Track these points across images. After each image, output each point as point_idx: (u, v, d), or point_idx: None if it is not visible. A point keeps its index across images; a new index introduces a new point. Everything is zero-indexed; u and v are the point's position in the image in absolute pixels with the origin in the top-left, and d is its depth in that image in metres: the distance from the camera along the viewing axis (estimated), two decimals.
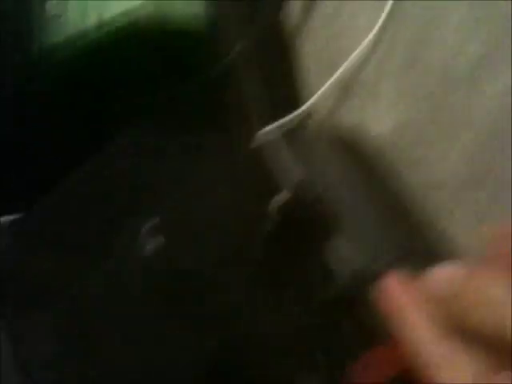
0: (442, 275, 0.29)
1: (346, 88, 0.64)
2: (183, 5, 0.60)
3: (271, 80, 0.63)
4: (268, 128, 0.60)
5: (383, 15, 0.60)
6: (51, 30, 0.63)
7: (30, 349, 0.24)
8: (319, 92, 0.62)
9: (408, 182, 0.62)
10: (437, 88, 0.57)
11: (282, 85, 0.65)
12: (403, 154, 0.61)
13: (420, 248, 0.41)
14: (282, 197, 0.34)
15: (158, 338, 0.25)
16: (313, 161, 0.42)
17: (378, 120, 0.62)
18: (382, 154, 0.50)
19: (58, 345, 0.23)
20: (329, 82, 0.62)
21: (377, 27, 0.61)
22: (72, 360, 0.23)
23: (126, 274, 0.26)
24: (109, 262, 0.28)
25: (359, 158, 0.44)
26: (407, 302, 0.29)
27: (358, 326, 0.29)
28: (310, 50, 0.67)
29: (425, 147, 0.59)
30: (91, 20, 0.59)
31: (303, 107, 0.61)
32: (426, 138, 0.59)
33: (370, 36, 0.61)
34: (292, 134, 0.49)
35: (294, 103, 0.63)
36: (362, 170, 0.42)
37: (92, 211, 0.32)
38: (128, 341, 0.25)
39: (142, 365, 0.25)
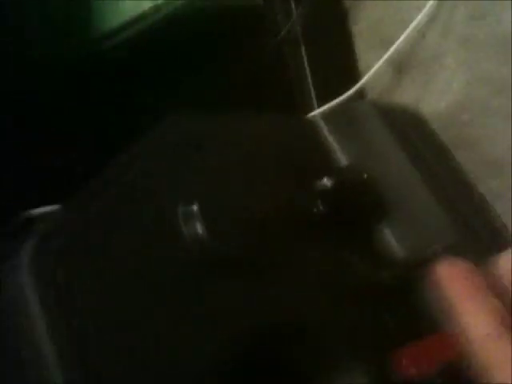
0: (508, 263, 0.27)
1: (400, 65, 0.62)
2: None
3: (323, 59, 0.63)
4: (320, 109, 0.60)
5: None
6: (108, 13, 0.65)
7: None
8: (372, 70, 0.61)
9: (465, 162, 0.61)
10: (496, 65, 0.55)
11: (334, 63, 0.64)
12: (460, 134, 0.59)
13: (478, 233, 0.40)
14: (329, 180, 0.34)
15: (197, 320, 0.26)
16: (363, 139, 0.41)
17: (435, 98, 0.60)
18: (438, 134, 0.48)
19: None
20: (382, 60, 0.61)
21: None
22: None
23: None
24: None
25: (413, 137, 0.43)
26: (466, 291, 0.27)
27: (407, 315, 0.29)
28: (364, 25, 0.65)
29: (483, 126, 0.58)
30: (146, 3, 0.59)
31: (356, 86, 0.60)
32: (484, 117, 0.58)
33: (426, 10, 0.59)
34: (343, 108, 0.48)
35: (347, 82, 0.62)
36: (415, 149, 0.41)
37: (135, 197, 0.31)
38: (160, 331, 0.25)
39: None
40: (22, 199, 0.54)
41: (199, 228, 0.25)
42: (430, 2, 0.59)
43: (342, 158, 0.40)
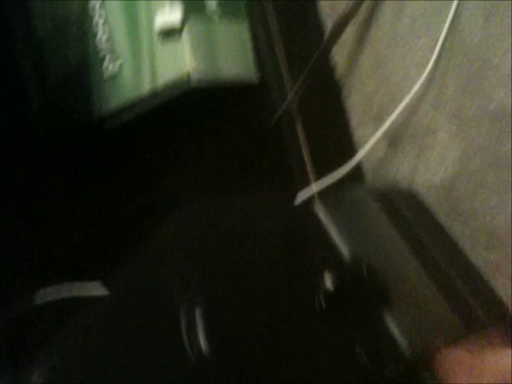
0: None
1: (394, 139, 0.64)
2: (232, 66, 0.62)
3: (318, 134, 0.64)
4: (316, 184, 0.61)
5: (431, 63, 0.61)
6: (107, 94, 0.67)
7: None
8: (367, 146, 0.62)
9: (462, 234, 0.61)
10: (489, 140, 0.56)
11: (329, 138, 0.65)
12: (457, 206, 0.60)
13: (476, 313, 0.40)
14: (330, 277, 0.34)
15: None
16: (360, 225, 0.42)
17: (430, 171, 0.61)
18: (433, 211, 0.49)
19: None
20: (376, 136, 0.62)
21: (425, 73, 0.61)
22: None
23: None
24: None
25: (410, 219, 0.44)
26: None
27: None
28: (357, 100, 0.67)
29: (480, 199, 0.59)
30: (145, 86, 0.61)
31: (352, 162, 0.62)
32: (480, 190, 0.59)
33: (417, 86, 0.61)
34: (340, 192, 0.49)
35: (343, 156, 0.64)
36: (412, 233, 0.42)
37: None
38: None
39: None
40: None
41: (201, 342, 0.25)
42: (422, 78, 0.61)
43: (341, 246, 0.40)
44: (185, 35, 0.58)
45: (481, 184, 0.58)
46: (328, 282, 0.32)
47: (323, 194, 0.45)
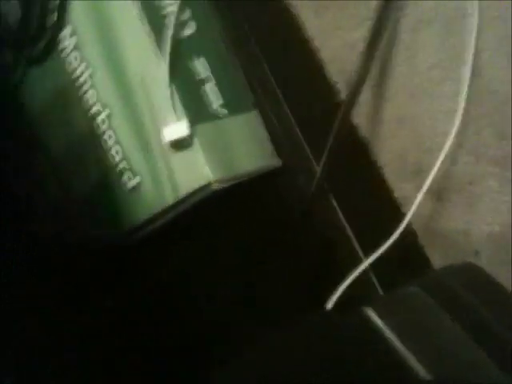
0: None
1: (439, 193, 0.59)
2: (251, 157, 0.59)
3: (357, 205, 0.60)
4: (369, 260, 0.57)
5: (460, 109, 0.56)
6: (131, 207, 0.65)
7: None
8: (413, 207, 0.58)
9: None
10: None
11: (370, 206, 0.61)
12: None
13: None
14: None
15: None
16: (424, 332, 0.38)
17: (485, 221, 0.56)
18: (499, 284, 0.44)
19: None
20: (422, 193, 0.58)
21: (457, 120, 0.57)
22: None
23: None
24: None
25: (475, 306, 0.39)
26: None
27: None
28: (389, 157, 0.63)
29: None
30: (168, 199, 0.59)
31: (400, 227, 0.57)
32: None
33: (452, 135, 0.56)
34: (396, 302, 0.45)
35: (389, 221, 0.60)
36: (481, 327, 0.38)
37: None
38: None
39: None
40: None
41: None
42: (455, 127, 0.56)
43: (412, 361, 0.36)
44: (196, 142, 0.56)
45: None
46: None
47: (375, 301, 0.41)
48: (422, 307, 0.39)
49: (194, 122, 0.56)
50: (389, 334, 0.38)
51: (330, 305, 0.49)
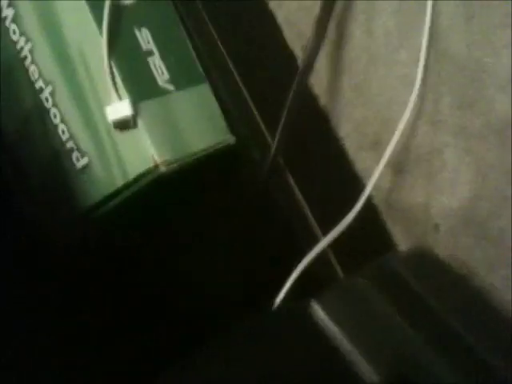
0: None
1: (399, 165, 0.57)
2: (202, 134, 0.57)
3: (315, 179, 0.58)
4: (327, 237, 0.55)
5: (418, 77, 0.54)
6: (84, 187, 0.63)
7: None
8: (373, 179, 0.56)
9: (494, 256, 0.54)
10: (503, 152, 0.49)
11: (329, 180, 0.59)
12: (483, 227, 0.53)
13: None
14: None
15: None
16: (369, 324, 0.36)
17: (446, 194, 0.54)
18: (451, 268, 0.43)
19: None
20: (381, 165, 0.56)
21: (415, 89, 0.54)
22: None
23: None
24: None
25: (422, 295, 0.38)
26: None
27: None
28: (348, 128, 0.61)
29: (506, 216, 0.52)
30: (117, 181, 0.57)
31: (360, 202, 0.55)
32: (505, 206, 0.52)
33: (410, 105, 0.54)
34: (340, 294, 0.42)
35: (349, 194, 0.57)
36: (427, 317, 0.36)
37: None
38: None
39: None
40: None
41: None
42: (413, 96, 0.54)
43: (357, 359, 0.35)
44: (140, 121, 0.53)
45: (504, 200, 0.51)
46: None
47: (317, 294, 0.39)
48: (369, 299, 0.37)
49: (137, 99, 0.53)
50: (333, 329, 0.36)
51: (284, 291, 0.48)
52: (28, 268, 0.69)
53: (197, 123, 0.56)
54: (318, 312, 0.37)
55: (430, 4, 0.51)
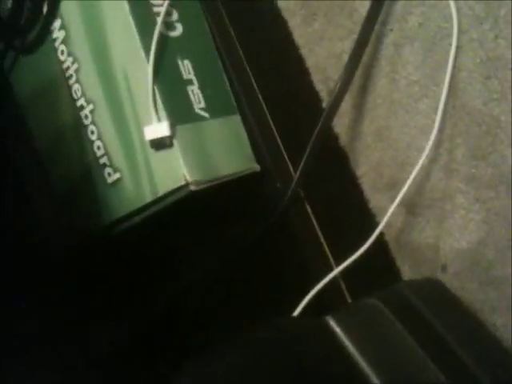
0: None
1: (412, 207, 0.60)
2: (230, 160, 0.60)
3: (332, 214, 0.61)
4: (339, 268, 0.58)
5: (435, 127, 0.58)
6: (112, 201, 0.66)
7: None
8: (385, 218, 0.59)
9: (497, 301, 0.57)
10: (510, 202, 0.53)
11: (344, 214, 0.62)
12: (488, 272, 0.56)
13: None
14: None
15: None
16: (381, 344, 0.39)
17: (454, 237, 0.58)
18: (460, 301, 0.46)
19: None
20: (394, 205, 0.59)
21: (432, 137, 0.58)
22: None
23: None
24: None
25: (431, 321, 0.41)
26: None
27: None
28: (366, 170, 0.64)
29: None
30: (146, 197, 0.60)
31: (373, 236, 0.58)
32: (510, 253, 0.55)
33: (426, 152, 0.58)
34: (354, 313, 0.45)
35: (362, 230, 0.61)
36: (437, 343, 0.39)
37: None
38: None
39: None
40: None
41: None
42: (429, 143, 0.58)
43: (367, 371, 0.37)
44: (175, 143, 0.56)
45: (508, 248, 0.54)
46: None
47: (334, 312, 0.42)
48: (380, 319, 0.40)
49: (174, 122, 0.57)
50: (346, 341, 0.39)
51: (299, 308, 0.51)
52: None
53: (226, 150, 0.60)
54: (333, 327, 0.40)
55: (451, 60, 0.56)
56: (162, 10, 0.60)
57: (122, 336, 0.69)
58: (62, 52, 0.67)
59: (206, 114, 0.59)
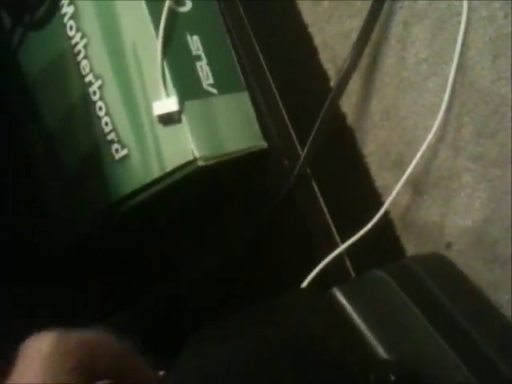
0: None
1: (418, 185, 0.61)
2: (238, 137, 0.61)
3: (338, 191, 0.62)
4: (344, 245, 0.59)
5: (443, 105, 0.58)
6: (120, 177, 0.66)
7: None
8: (391, 196, 0.59)
9: (503, 279, 0.57)
10: None
11: (350, 192, 0.63)
12: (493, 250, 0.57)
13: None
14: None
15: None
16: (387, 315, 0.39)
17: (460, 216, 0.58)
18: (466, 277, 0.46)
19: None
20: (400, 183, 0.59)
21: (440, 115, 0.58)
22: None
23: None
24: None
25: (439, 296, 0.41)
26: None
27: None
28: (373, 148, 0.65)
29: None
30: (154, 172, 0.60)
31: (378, 214, 0.59)
32: None
33: (433, 130, 0.58)
34: (361, 285, 0.46)
35: (368, 208, 0.61)
36: (443, 316, 0.39)
37: None
38: None
39: None
40: None
41: None
42: (437, 121, 0.58)
43: (373, 342, 0.38)
44: (184, 118, 0.57)
45: None
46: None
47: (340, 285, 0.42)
48: (386, 291, 0.40)
49: (183, 98, 0.57)
50: (352, 313, 0.39)
51: (305, 283, 0.51)
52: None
53: (234, 126, 0.60)
54: (340, 298, 0.41)
55: (460, 39, 0.56)
56: None
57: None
58: (71, 27, 0.67)
59: (214, 90, 0.60)
